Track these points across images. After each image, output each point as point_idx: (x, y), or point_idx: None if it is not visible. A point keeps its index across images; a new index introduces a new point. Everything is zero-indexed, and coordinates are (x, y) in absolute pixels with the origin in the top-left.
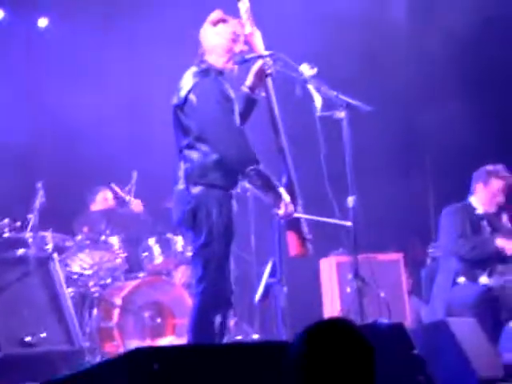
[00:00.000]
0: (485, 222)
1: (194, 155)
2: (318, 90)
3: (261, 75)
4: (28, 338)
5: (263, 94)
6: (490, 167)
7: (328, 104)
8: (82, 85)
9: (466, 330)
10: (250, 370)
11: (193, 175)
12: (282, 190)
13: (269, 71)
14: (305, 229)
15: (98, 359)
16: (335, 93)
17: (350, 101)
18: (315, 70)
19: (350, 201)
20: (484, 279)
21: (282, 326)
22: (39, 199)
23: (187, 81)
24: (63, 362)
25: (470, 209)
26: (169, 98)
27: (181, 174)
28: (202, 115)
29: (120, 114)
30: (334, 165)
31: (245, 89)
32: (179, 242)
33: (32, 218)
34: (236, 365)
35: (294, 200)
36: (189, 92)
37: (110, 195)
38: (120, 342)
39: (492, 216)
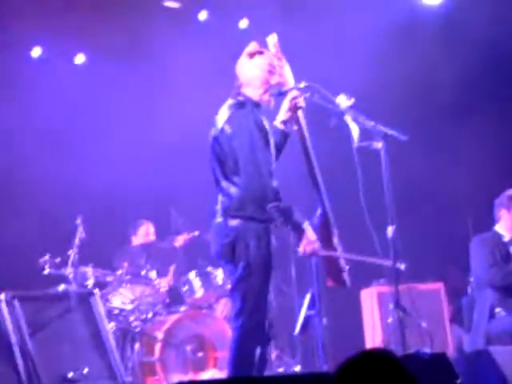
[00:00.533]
0: None
1: (232, 188)
2: (356, 120)
3: (292, 108)
4: (70, 374)
5: (295, 128)
6: (510, 192)
7: (366, 135)
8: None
9: (509, 358)
10: None
11: (231, 208)
12: (306, 227)
13: (300, 104)
14: (342, 260)
15: None
16: (372, 123)
17: (388, 131)
18: (352, 101)
19: (390, 231)
20: None
21: (323, 357)
22: (79, 234)
23: (223, 113)
24: None
25: (497, 237)
26: (205, 134)
27: (218, 207)
28: (235, 147)
29: (158, 150)
30: (373, 196)
31: (277, 123)
32: (219, 275)
33: (72, 253)
34: None
35: (328, 231)
36: (224, 123)
37: (151, 229)
38: (162, 376)
39: None
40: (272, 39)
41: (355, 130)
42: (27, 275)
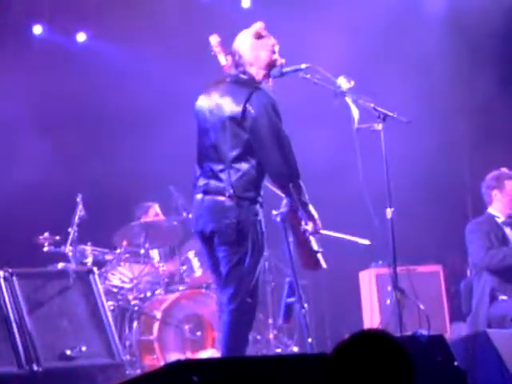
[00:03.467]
0: (509, 229)
1: (243, 167)
2: (356, 102)
3: None
4: (68, 352)
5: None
6: (496, 173)
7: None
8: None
9: (507, 341)
10: (288, 382)
11: (239, 188)
12: (311, 208)
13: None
14: (314, 242)
15: (138, 372)
16: (372, 104)
17: (388, 112)
18: (352, 83)
19: (389, 213)
20: None
21: (309, 342)
22: (79, 213)
23: (235, 92)
24: (103, 376)
25: (492, 219)
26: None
27: (220, 184)
28: (257, 127)
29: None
30: (372, 177)
31: None
32: None
33: (71, 231)
34: (275, 377)
35: (297, 216)
36: (246, 102)
37: (159, 210)
38: (160, 355)
39: None
40: (214, 39)
41: (355, 112)
42: (26, 253)
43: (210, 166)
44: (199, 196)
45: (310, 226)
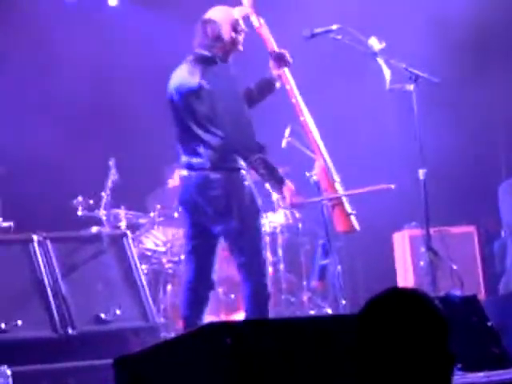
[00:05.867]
0: None
1: (213, 140)
2: (388, 63)
3: (278, 65)
4: (102, 315)
5: (288, 87)
6: None
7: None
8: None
9: None
10: (322, 343)
11: (214, 160)
12: (287, 181)
13: (288, 60)
14: (347, 205)
15: (172, 335)
16: (404, 65)
17: (419, 72)
18: (384, 44)
19: (421, 174)
20: None
21: (342, 304)
22: (112, 177)
23: (193, 68)
24: (138, 339)
25: None
26: None
27: (198, 160)
28: (212, 102)
29: None
30: (405, 138)
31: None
32: None
33: (105, 195)
34: (309, 338)
35: (331, 179)
36: (202, 77)
37: None
38: None
39: None
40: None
41: (387, 73)
42: (60, 217)
43: (187, 143)
44: (184, 172)
45: (287, 200)
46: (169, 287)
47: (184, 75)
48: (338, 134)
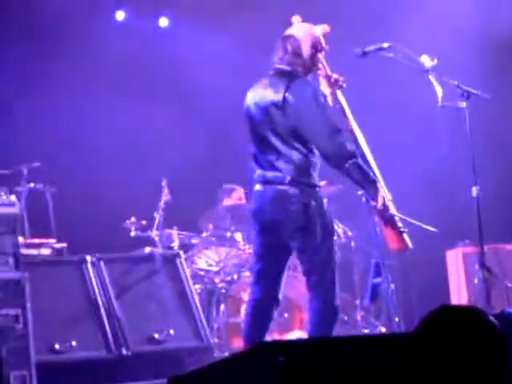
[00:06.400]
0: None
1: (294, 155)
2: (439, 80)
3: (333, 86)
4: (156, 336)
5: (338, 106)
6: None
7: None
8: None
9: None
10: (375, 362)
11: (296, 175)
12: (380, 185)
13: (342, 84)
14: (399, 223)
15: (226, 355)
16: (456, 82)
17: (472, 90)
18: (435, 61)
19: (474, 191)
20: None
21: (396, 322)
22: (164, 197)
23: (276, 83)
24: (191, 359)
25: None
26: None
27: (278, 174)
28: (300, 114)
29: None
30: (457, 155)
31: None
32: None
33: (157, 216)
34: (363, 357)
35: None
36: (286, 91)
37: (243, 195)
38: None
39: None
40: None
41: (439, 90)
42: (113, 238)
43: (264, 157)
44: (259, 186)
45: (379, 204)
46: (222, 307)
47: (266, 89)
48: (390, 151)
